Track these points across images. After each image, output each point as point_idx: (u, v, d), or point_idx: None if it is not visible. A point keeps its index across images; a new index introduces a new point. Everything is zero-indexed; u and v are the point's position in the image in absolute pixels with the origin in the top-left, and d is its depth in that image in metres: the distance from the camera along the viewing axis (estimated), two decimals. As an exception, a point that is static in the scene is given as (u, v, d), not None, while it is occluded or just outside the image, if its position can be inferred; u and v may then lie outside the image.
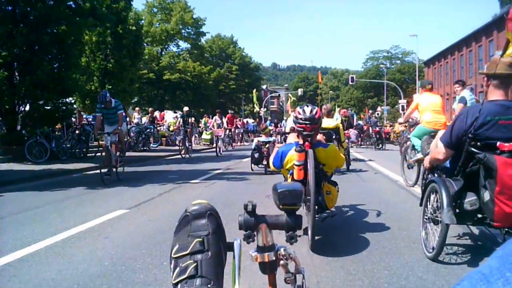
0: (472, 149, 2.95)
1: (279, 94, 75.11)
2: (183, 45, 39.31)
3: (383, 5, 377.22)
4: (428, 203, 3.40)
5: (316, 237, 3.68)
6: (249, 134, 29.71)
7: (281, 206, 1.35)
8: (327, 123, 8.47)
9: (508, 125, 2.93)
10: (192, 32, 38.02)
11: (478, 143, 2.95)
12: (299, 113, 3.79)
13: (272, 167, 4.13)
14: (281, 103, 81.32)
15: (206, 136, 21.95)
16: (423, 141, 5.61)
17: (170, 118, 23.85)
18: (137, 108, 22.14)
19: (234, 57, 51.99)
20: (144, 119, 20.17)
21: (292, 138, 4.37)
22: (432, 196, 3.30)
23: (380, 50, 71.84)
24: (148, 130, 17.82)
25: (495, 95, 3.07)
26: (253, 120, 36.28)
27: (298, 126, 3.79)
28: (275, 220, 1.35)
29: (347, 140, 10.58)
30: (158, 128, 20.93)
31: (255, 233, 1.32)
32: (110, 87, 16.85)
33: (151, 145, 18.22)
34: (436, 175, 3.64)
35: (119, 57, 17.68)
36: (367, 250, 3.51)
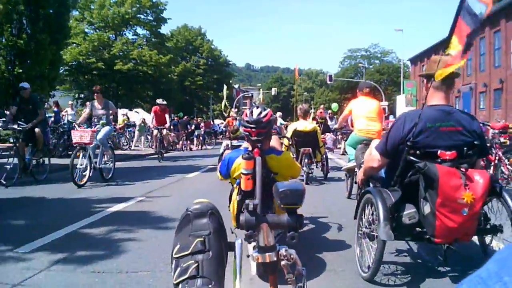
0: (411, 157, 2.89)
1: (251, 95, 75.37)
2: (142, 32, 36.43)
3: (362, 5, 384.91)
4: (363, 216, 3.31)
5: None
6: (213, 137, 29.46)
7: (282, 206, 1.42)
8: (303, 125, 8.35)
9: (449, 132, 2.88)
10: (152, 18, 35.33)
11: (418, 151, 2.89)
12: (246, 115, 3.60)
13: (219, 176, 3.87)
14: (253, 104, 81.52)
15: None
16: (357, 150, 5.51)
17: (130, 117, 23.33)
18: (70, 102, 20.48)
19: (202, 49, 50.98)
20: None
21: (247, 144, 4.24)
22: (367, 209, 3.22)
23: (358, 49, 72.69)
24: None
25: (436, 99, 3.02)
26: (221, 121, 35.79)
27: (244, 130, 3.59)
28: (277, 219, 1.44)
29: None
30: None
31: (256, 232, 1.39)
32: (21, 70, 13.42)
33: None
34: (371, 185, 3.58)
35: (34, 32, 13.95)
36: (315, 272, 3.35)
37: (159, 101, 14.38)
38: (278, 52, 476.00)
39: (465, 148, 2.88)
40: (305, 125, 8.34)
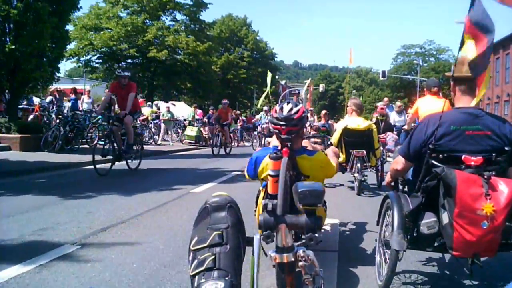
0: (433, 161, 2.80)
1: (298, 91, 74.83)
2: (180, 18, 34.33)
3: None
4: (384, 222, 3.24)
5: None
6: (252, 132, 28.48)
7: (301, 206, 1.48)
8: (355, 123, 7.25)
9: (476, 136, 2.77)
10: (192, 3, 33.39)
11: (440, 155, 2.79)
12: (276, 111, 3.41)
13: (246, 175, 3.73)
14: (300, 101, 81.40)
15: (191, 132, 19.18)
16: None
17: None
18: (87, 89, 19.71)
19: (247, 41, 50.78)
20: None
21: (274, 141, 4.12)
22: (387, 214, 3.15)
23: (413, 45, 70.97)
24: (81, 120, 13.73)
25: (462, 101, 2.93)
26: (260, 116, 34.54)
27: (273, 127, 3.40)
28: (295, 220, 1.51)
29: (381, 148, 8.90)
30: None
31: (274, 233, 1.46)
32: (14, 47, 11.28)
33: (96, 141, 13.37)
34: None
35: (29, -1, 11.44)
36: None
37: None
38: (326, 50, 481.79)
39: (493, 154, 2.75)
40: (358, 122, 7.27)
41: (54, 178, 8.00)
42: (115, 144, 8.79)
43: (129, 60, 32.60)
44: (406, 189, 3.45)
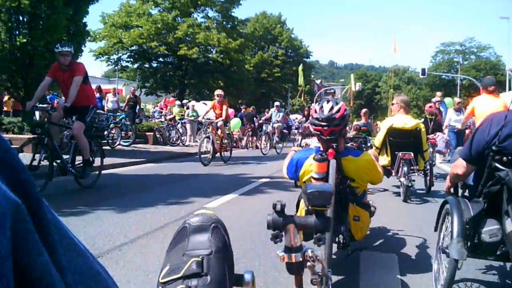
0: (496, 164, 2.67)
1: (334, 90, 74.66)
2: (212, 15, 33.81)
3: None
4: (443, 229, 3.13)
5: (335, 278, 3.29)
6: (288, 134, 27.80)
7: (310, 207, 1.45)
8: (402, 121, 6.79)
9: None
10: None
11: (504, 158, 2.65)
12: (316, 111, 3.30)
13: (285, 176, 3.63)
14: (340, 101, 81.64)
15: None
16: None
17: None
18: (113, 88, 18.58)
19: (281, 39, 50.71)
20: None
21: (315, 141, 4.03)
22: (446, 220, 3.03)
23: (452, 43, 69.39)
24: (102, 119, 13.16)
25: None
26: (298, 116, 33.12)
27: (314, 129, 3.31)
28: (304, 221, 1.45)
29: (430, 149, 8.44)
30: (140, 118, 17.50)
31: (283, 233, 1.42)
32: (25, 40, 10.78)
33: (118, 141, 14.09)
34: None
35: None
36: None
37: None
38: (362, 49, 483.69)
39: None
40: (405, 121, 6.76)
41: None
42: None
43: (160, 59, 32.61)
44: (465, 193, 3.34)
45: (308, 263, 1.42)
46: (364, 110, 11.99)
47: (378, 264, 3.74)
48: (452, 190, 3.39)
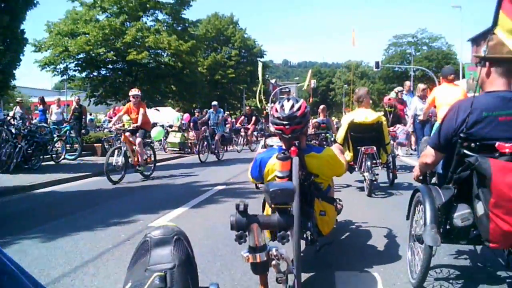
0: (465, 151, 2.77)
1: (289, 89, 75.25)
2: (162, 17, 33.11)
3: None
4: (414, 217, 3.22)
5: (305, 275, 3.34)
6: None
7: (273, 206, 1.47)
8: (362, 116, 6.76)
9: (510, 121, 2.72)
10: (173, 1, 32.22)
11: (472, 144, 2.76)
12: (276, 110, 3.32)
13: (250, 177, 3.67)
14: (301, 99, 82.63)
15: (174, 138, 17.60)
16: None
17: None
18: (55, 98, 17.45)
19: (234, 39, 50.79)
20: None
21: (276, 141, 4.04)
22: (418, 208, 3.13)
23: (405, 35, 71.42)
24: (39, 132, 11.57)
25: (495, 85, 2.86)
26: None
27: (276, 128, 3.34)
28: (267, 219, 1.48)
29: (392, 142, 8.48)
30: (87, 129, 16.69)
31: (247, 233, 1.43)
32: None
33: (63, 155, 13.16)
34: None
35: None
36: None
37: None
38: (315, 47, 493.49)
39: None
40: (366, 115, 6.74)
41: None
42: None
43: (109, 66, 31.58)
44: (433, 181, 3.45)
45: (273, 262, 1.46)
46: (322, 107, 12.06)
47: (351, 259, 3.81)
48: (421, 178, 3.50)
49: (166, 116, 23.50)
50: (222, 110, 15.79)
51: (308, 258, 3.74)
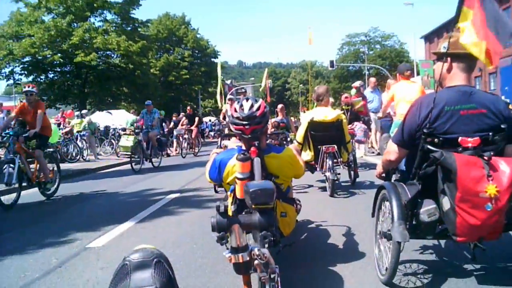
0: (429, 146, 2.83)
1: (245, 90, 75.54)
2: (111, 17, 32.47)
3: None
4: (380, 214, 3.26)
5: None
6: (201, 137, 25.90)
7: (253, 206, 1.54)
8: (322, 114, 6.74)
9: (471, 115, 2.81)
10: (122, 0, 31.53)
11: (436, 139, 2.82)
12: (235, 110, 3.27)
13: (208, 179, 3.61)
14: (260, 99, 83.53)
15: (126, 142, 15.94)
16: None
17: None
18: None
19: (187, 40, 50.16)
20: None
21: (233, 142, 4.00)
22: (384, 206, 3.17)
23: (357, 34, 72.81)
24: None
25: (456, 80, 2.94)
26: (212, 118, 33.29)
27: (235, 128, 3.29)
28: (248, 220, 1.56)
29: (352, 140, 8.45)
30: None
31: (228, 234, 1.50)
32: None
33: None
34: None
35: None
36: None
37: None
38: (269, 48, 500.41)
39: (490, 133, 2.79)
40: (325, 113, 6.73)
41: None
42: None
43: (57, 69, 30.98)
44: (394, 178, 3.50)
45: (256, 262, 1.48)
46: (280, 106, 12.05)
47: (315, 259, 3.83)
48: (384, 175, 3.55)
49: (119, 119, 22.78)
50: (157, 110, 14.69)
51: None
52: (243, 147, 3.36)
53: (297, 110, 76.39)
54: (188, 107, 20.37)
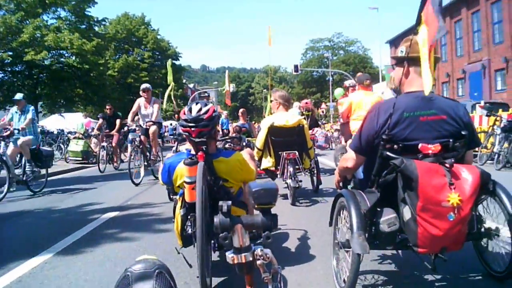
0: (388, 153, 2.78)
1: (208, 94, 75.87)
2: (65, 15, 31.31)
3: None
4: (338, 223, 3.20)
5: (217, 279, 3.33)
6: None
7: (256, 206, 1.65)
8: (283, 119, 6.62)
9: (431, 121, 2.79)
10: None
11: (395, 146, 2.78)
12: (184, 113, 3.44)
13: (161, 182, 3.77)
14: (211, 103, 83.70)
15: (75, 146, 15.92)
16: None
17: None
18: None
19: (146, 40, 49.67)
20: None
21: (188, 146, 4.06)
22: (342, 214, 3.10)
23: (321, 39, 74.06)
24: None
25: (415, 85, 2.92)
26: (174, 122, 33.19)
27: (183, 130, 3.45)
28: (251, 220, 1.56)
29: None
30: None
31: (230, 234, 1.50)
32: None
33: None
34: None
35: None
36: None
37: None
38: (233, 53, 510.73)
39: (451, 140, 2.78)
40: (286, 118, 6.62)
41: None
42: None
43: (7, 68, 29.91)
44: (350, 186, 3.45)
45: (258, 262, 1.48)
46: (241, 110, 12.02)
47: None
48: (341, 184, 3.51)
49: (72, 122, 22.19)
50: (32, 106, 10.03)
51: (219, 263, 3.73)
52: (192, 151, 3.50)
53: (261, 115, 77.01)
54: (108, 107, 15.37)
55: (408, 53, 2.88)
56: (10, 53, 27.75)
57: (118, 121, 14.39)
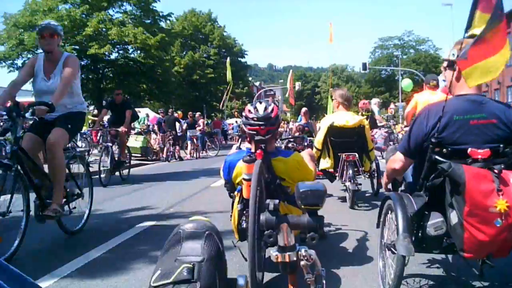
0: (436, 157, 2.80)
1: (274, 92, 75.78)
2: (130, 9, 31.24)
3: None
4: (385, 226, 3.25)
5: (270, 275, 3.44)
6: (221, 139, 24.57)
7: (302, 206, 1.57)
8: (343, 119, 6.33)
9: (481, 125, 2.78)
10: None
11: (444, 150, 2.80)
12: (250, 112, 3.53)
13: (223, 180, 3.97)
14: (276, 102, 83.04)
15: (135, 142, 15.64)
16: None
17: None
18: None
19: (212, 37, 49.97)
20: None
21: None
22: (389, 217, 3.16)
23: (391, 37, 72.18)
24: None
25: (466, 88, 2.89)
26: (239, 120, 33.32)
27: (248, 129, 3.53)
28: (297, 220, 1.58)
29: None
30: None
31: (276, 232, 1.52)
32: None
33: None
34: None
35: None
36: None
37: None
38: (300, 52, 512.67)
39: (501, 145, 2.75)
40: (346, 118, 6.32)
41: None
42: None
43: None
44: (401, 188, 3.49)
45: (302, 262, 1.51)
46: (304, 110, 11.89)
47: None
48: (390, 186, 3.55)
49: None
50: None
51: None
52: (252, 149, 3.58)
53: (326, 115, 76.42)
54: (117, 91, 11.78)
55: (457, 55, 2.87)
56: (75, 46, 28.03)
57: (128, 113, 10.66)
